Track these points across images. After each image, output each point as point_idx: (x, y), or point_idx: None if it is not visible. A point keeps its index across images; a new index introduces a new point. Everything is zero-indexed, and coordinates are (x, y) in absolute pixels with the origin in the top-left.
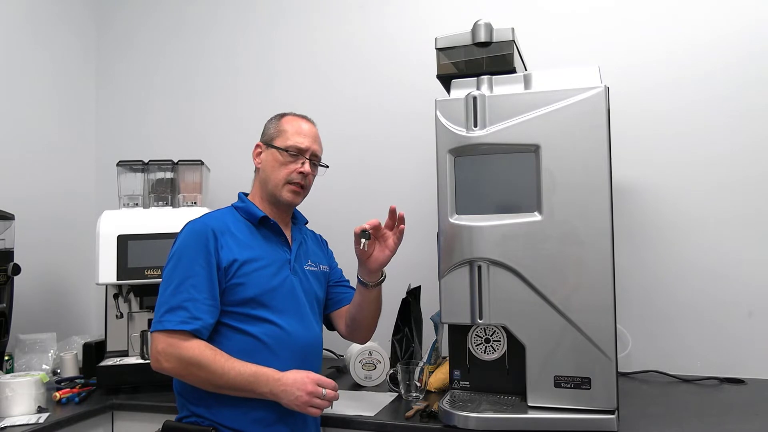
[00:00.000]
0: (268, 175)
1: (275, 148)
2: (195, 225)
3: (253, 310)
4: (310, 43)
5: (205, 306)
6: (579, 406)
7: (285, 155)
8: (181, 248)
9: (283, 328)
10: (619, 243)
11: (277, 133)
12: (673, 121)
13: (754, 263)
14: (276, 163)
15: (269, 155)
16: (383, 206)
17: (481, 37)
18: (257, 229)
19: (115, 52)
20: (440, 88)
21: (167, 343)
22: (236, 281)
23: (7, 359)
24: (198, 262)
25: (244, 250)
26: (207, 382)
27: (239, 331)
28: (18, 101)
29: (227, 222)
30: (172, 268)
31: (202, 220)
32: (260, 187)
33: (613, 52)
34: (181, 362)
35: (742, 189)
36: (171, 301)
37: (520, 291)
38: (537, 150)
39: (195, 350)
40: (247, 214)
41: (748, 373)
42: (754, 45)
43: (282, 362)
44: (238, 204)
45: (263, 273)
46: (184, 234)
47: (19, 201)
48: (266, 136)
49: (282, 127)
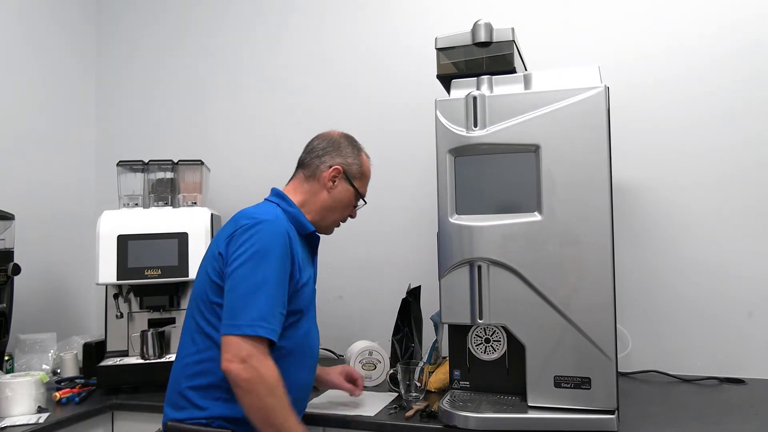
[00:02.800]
0: (336, 208)
1: (355, 189)
2: (277, 228)
3: (297, 321)
4: (310, 44)
5: (281, 316)
6: (579, 406)
7: (354, 199)
8: (266, 249)
9: (307, 340)
10: (619, 243)
11: (360, 174)
12: (673, 121)
13: (755, 263)
14: (347, 202)
15: (345, 190)
16: (383, 206)
17: (481, 37)
18: (301, 238)
19: (115, 52)
20: (440, 88)
21: (252, 350)
22: (297, 291)
23: (7, 359)
24: (280, 269)
25: (302, 260)
26: (264, 410)
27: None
28: (18, 101)
29: (290, 226)
30: (256, 269)
31: (278, 221)
32: (319, 209)
33: (613, 51)
34: (261, 378)
35: (743, 189)
36: (261, 305)
37: (520, 291)
38: (537, 150)
39: (275, 373)
40: (297, 223)
41: (748, 373)
42: (752, 39)
43: (302, 370)
44: (287, 208)
45: (309, 284)
46: (269, 234)
47: (20, 201)
48: (349, 168)
49: (364, 168)
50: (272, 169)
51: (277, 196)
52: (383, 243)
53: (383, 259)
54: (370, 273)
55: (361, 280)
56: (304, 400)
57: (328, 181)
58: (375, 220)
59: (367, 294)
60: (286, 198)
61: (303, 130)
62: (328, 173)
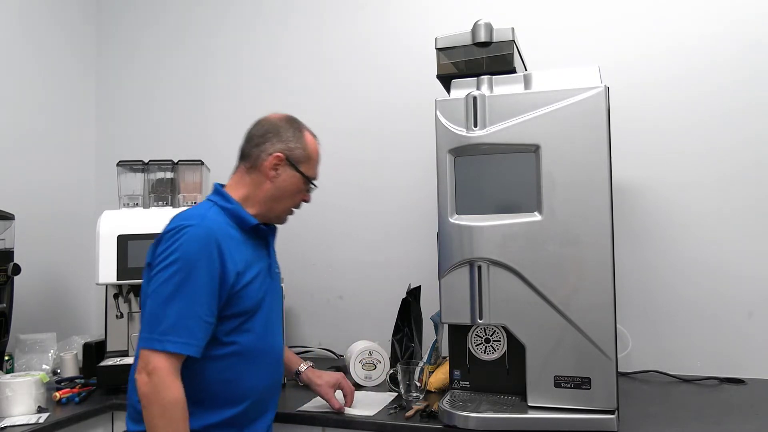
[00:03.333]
0: (282, 197)
1: (301, 174)
2: (200, 231)
3: (244, 322)
4: (310, 44)
5: (205, 324)
6: (579, 406)
7: (305, 184)
8: (186, 255)
9: (264, 339)
10: (619, 243)
11: (304, 157)
12: (673, 121)
13: (755, 263)
14: (296, 189)
15: (291, 177)
16: (383, 206)
17: (481, 37)
18: (245, 234)
19: (115, 52)
20: (440, 88)
21: (158, 365)
22: (238, 293)
23: (7, 359)
24: (203, 275)
25: (242, 260)
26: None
27: (226, 344)
28: (18, 101)
29: (223, 226)
30: (171, 277)
31: (203, 225)
32: (264, 200)
33: (613, 51)
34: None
35: (743, 189)
36: (172, 317)
37: (520, 291)
38: (537, 150)
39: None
40: (237, 219)
41: (748, 373)
42: (752, 39)
43: (261, 371)
44: (225, 205)
45: (257, 282)
46: (190, 239)
47: (20, 201)
48: (291, 153)
49: (308, 151)
50: None
51: (216, 192)
52: (383, 243)
53: (383, 259)
54: (370, 273)
55: (361, 280)
56: (266, 401)
57: (270, 171)
58: (375, 220)
59: (367, 294)
60: (223, 194)
61: None
62: (269, 162)
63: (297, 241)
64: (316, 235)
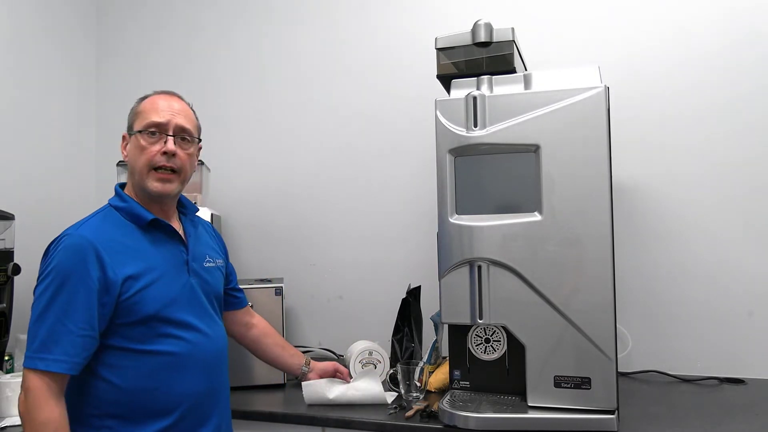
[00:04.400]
0: (133, 165)
1: (134, 133)
2: (73, 240)
3: (155, 328)
4: (310, 45)
5: (81, 339)
6: (579, 406)
7: (145, 137)
8: (57, 267)
9: (189, 341)
10: (620, 242)
11: (134, 118)
12: (673, 121)
13: (755, 263)
14: (137, 149)
15: (132, 144)
16: (383, 206)
17: (481, 37)
18: (146, 231)
19: (116, 52)
20: (441, 88)
21: (32, 384)
22: (131, 300)
23: (7, 359)
24: (77, 286)
25: (135, 262)
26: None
27: (140, 353)
28: (17, 101)
29: (109, 230)
30: (44, 292)
31: (80, 232)
32: (131, 182)
33: (613, 51)
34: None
35: (743, 189)
36: (43, 334)
37: (520, 291)
38: (537, 150)
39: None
40: (132, 217)
41: (748, 373)
42: (750, 35)
43: (192, 376)
44: (118, 203)
45: (160, 284)
46: (62, 251)
47: (19, 201)
48: (128, 126)
49: (137, 109)
50: (272, 169)
51: (115, 194)
52: (383, 243)
53: (383, 259)
54: (370, 273)
55: (361, 280)
56: (204, 409)
57: (123, 152)
58: (375, 220)
59: (367, 294)
60: (120, 193)
61: (303, 130)
62: (122, 149)
63: (297, 241)
64: (316, 235)
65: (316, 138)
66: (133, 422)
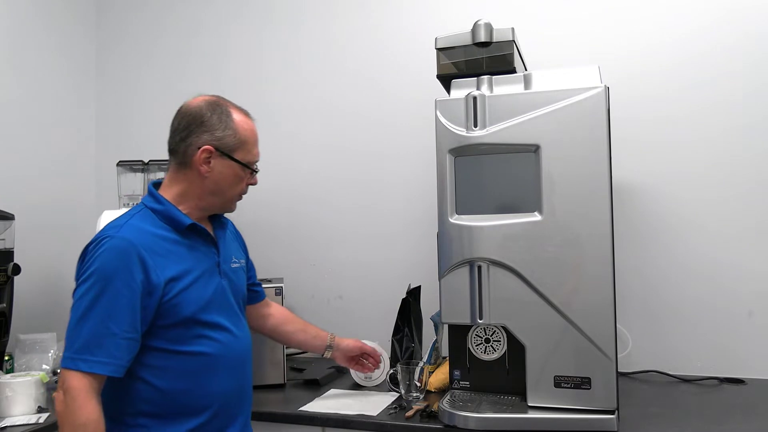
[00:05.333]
0: (222, 190)
1: (237, 162)
2: (117, 243)
3: (191, 329)
4: (310, 45)
5: (125, 341)
6: (579, 406)
7: (246, 171)
8: (101, 269)
9: (221, 342)
10: (619, 242)
11: (237, 144)
12: (673, 121)
13: (755, 262)
14: (235, 179)
15: (227, 168)
16: (383, 206)
17: (481, 37)
18: (182, 234)
19: (116, 52)
20: (440, 88)
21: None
22: (172, 302)
23: (7, 359)
24: (121, 289)
25: (174, 264)
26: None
27: (177, 353)
28: (17, 101)
29: (150, 233)
30: (86, 293)
31: (122, 234)
32: (201, 195)
33: (614, 51)
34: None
35: (743, 189)
36: (86, 335)
37: (520, 291)
38: (537, 150)
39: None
40: (170, 220)
41: (748, 373)
42: (749, 38)
43: (223, 376)
44: (155, 206)
45: (197, 286)
46: (106, 253)
47: (19, 201)
48: (221, 143)
49: (241, 135)
50: (271, 169)
51: (148, 194)
52: (383, 243)
53: (383, 259)
54: (370, 273)
55: (361, 280)
56: (233, 409)
57: (202, 165)
58: (375, 220)
59: (367, 294)
60: (155, 195)
61: (303, 130)
62: (198, 157)
63: (297, 241)
64: (316, 236)
65: (315, 138)
66: (166, 421)
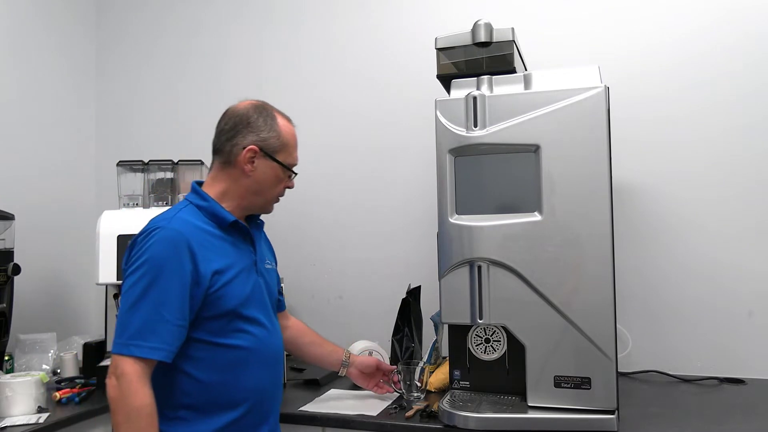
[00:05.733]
0: (263, 189)
1: (279, 164)
2: (168, 233)
3: (232, 322)
4: (311, 44)
5: (175, 328)
6: (579, 406)
7: (286, 173)
8: (153, 258)
9: (257, 337)
10: (619, 242)
11: (280, 146)
12: (673, 121)
13: (755, 263)
14: (276, 180)
15: (269, 168)
16: (383, 206)
17: (481, 37)
18: (224, 230)
19: (116, 52)
20: (440, 88)
21: (126, 370)
22: (217, 293)
23: (7, 359)
24: (171, 277)
25: (219, 258)
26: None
27: (217, 346)
28: (17, 101)
29: (197, 226)
30: (138, 281)
31: (173, 226)
32: (243, 194)
33: (613, 51)
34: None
35: (743, 189)
36: (139, 321)
37: (520, 291)
38: (537, 150)
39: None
40: (214, 216)
41: (748, 373)
42: (749, 38)
43: (258, 372)
44: (199, 202)
45: (239, 281)
46: (157, 242)
47: (19, 201)
48: (265, 144)
49: (284, 138)
50: None
51: (192, 191)
52: (383, 243)
53: (383, 259)
54: (370, 273)
55: (361, 281)
56: (266, 405)
57: (246, 164)
58: (375, 220)
59: (367, 294)
60: (200, 192)
61: (302, 130)
62: (243, 156)
63: (297, 241)
64: (316, 235)
65: (316, 138)
66: (204, 414)
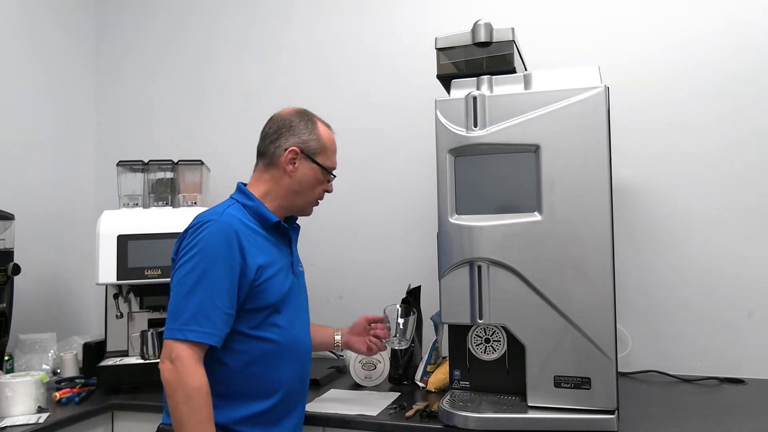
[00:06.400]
0: (303, 191)
1: (319, 166)
2: (220, 225)
3: (270, 317)
4: (310, 44)
5: (226, 316)
6: (579, 406)
7: (326, 176)
8: (206, 249)
9: (292, 334)
10: (619, 243)
11: (320, 149)
12: (674, 121)
13: (754, 263)
14: (315, 181)
15: (309, 169)
16: (383, 206)
17: (481, 37)
18: (267, 231)
19: (116, 52)
20: (440, 88)
21: (181, 353)
22: (260, 287)
23: (7, 359)
24: (223, 267)
25: (263, 254)
26: (177, 416)
27: (253, 338)
28: (18, 101)
29: (243, 223)
30: (192, 270)
31: (224, 219)
32: (285, 194)
33: (613, 51)
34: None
35: (743, 189)
36: (193, 308)
37: (520, 291)
38: (537, 150)
39: (198, 382)
40: (259, 216)
41: (748, 373)
42: (755, 37)
43: (289, 367)
44: (245, 201)
45: (279, 277)
46: (210, 233)
47: (20, 201)
48: (306, 146)
49: (323, 141)
50: None
51: (238, 191)
52: (383, 243)
53: (383, 260)
54: (370, 273)
55: (361, 281)
56: (295, 397)
57: (288, 165)
58: (375, 220)
59: (367, 294)
60: (246, 192)
61: None
62: (285, 157)
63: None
64: (317, 235)
65: None
66: (236, 402)
